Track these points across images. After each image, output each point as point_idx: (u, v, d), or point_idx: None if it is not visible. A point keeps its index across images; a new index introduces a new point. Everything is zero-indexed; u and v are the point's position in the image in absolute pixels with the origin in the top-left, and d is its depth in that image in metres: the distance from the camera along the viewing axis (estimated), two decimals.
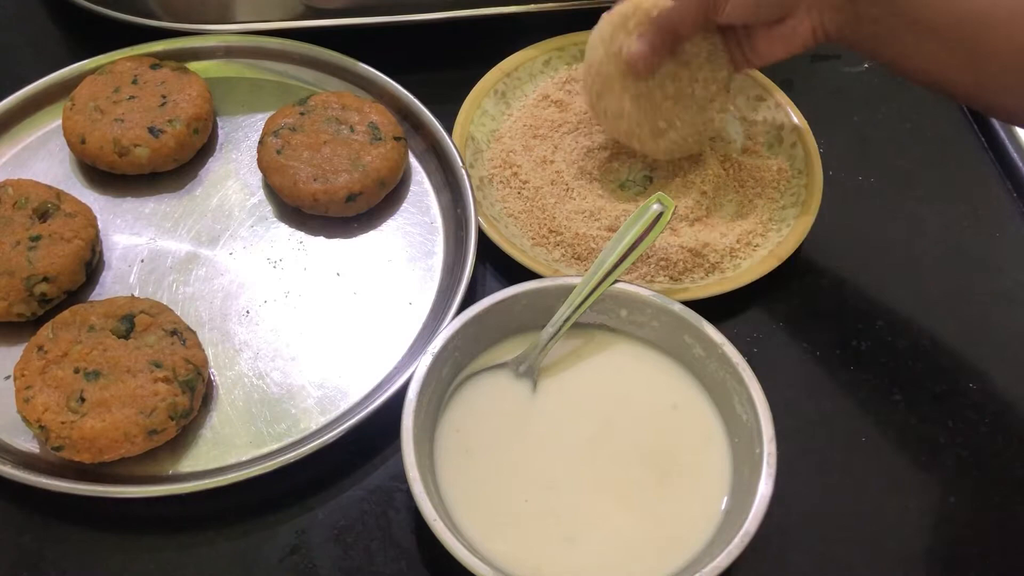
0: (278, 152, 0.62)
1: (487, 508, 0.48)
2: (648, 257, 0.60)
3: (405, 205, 0.64)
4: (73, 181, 0.64)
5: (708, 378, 0.52)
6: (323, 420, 0.55)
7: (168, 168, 0.64)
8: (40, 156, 0.65)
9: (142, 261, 0.61)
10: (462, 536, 0.46)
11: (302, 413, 0.55)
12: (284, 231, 0.63)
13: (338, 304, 0.60)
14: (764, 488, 0.46)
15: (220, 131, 0.67)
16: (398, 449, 0.47)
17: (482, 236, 0.60)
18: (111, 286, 0.60)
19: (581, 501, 0.49)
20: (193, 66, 0.68)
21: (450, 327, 0.51)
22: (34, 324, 0.56)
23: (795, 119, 0.67)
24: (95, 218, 0.60)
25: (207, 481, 0.51)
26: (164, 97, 0.64)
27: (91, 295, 0.59)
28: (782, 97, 0.68)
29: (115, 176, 0.64)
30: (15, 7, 0.77)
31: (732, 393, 0.50)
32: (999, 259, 0.65)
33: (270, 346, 0.58)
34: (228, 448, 0.53)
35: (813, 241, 0.62)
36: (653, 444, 0.51)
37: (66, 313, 0.54)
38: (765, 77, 0.69)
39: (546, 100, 0.69)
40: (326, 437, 0.52)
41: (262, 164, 0.63)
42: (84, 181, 0.64)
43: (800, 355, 0.59)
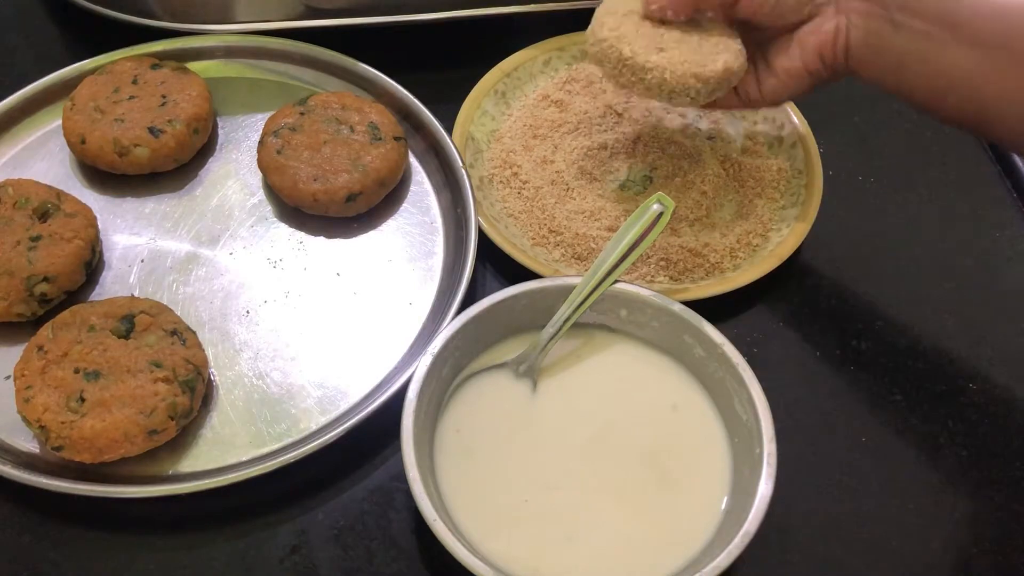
0: (278, 152, 0.62)
1: (487, 508, 0.48)
2: (648, 257, 0.60)
3: (405, 205, 0.64)
4: (73, 181, 0.64)
5: (708, 378, 0.52)
6: (323, 420, 0.55)
7: (168, 168, 0.64)
8: (40, 156, 0.65)
9: (142, 261, 0.61)
10: (462, 536, 0.46)
11: (302, 413, 0.55)
12: (284, 231, 0.63)
13: (338, 304, 0.60)
14: (764, 488, 0.46)
15: (220, 131, 0.67)
16: (398, 449, 0.47)
17: (482, 236, 0.60)
18: (111, 286, 0.60)
19: (581, 501, 0.49)
20: (193, 66, 0.68)
21: (450, 327, 0.51)
22: (34, 324, 0.56)
23: (795, 119, 0.67)
24: (95, 218, 0.60)
25: (207, 481, 0.51)
26: (164, 97, 0.64)
27: (91, 295, 0.59)
28: None
29: (115, 176, 0.64)
30: (15, 7, 0.77)
31: (732, 393, 0.50)
32: (999, 259, 0.65)
33: (270, 346, 0.58)
34: (228, 448, 0.53)
35: (813, 241, 0.62)
36: (653, 444, 0.51)
37: (66, 313, 0.54)
38: None
39: (546, 100, 0.69)
40: (326, 437, 0.52)
41: (262, 164, 0.63)
42: (84, 181, 0.64)
43: (800, 355, 0.59)
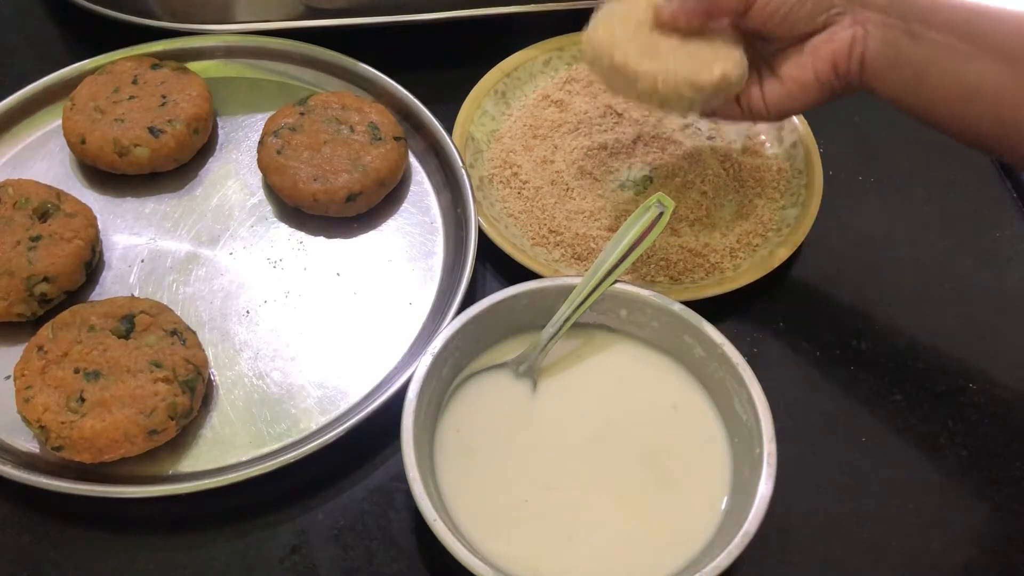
0: (278, 152, 0.62)
1: (487, 508, 0.48)
2: (648, 257, 0.60)
3: (405, 205, 0.64)
4: (73, 181, 0.64)
5: (708, 378, 0.52)
6: (323, 420, 0.55)
7: (168, 168, 0.64)
8: (40, 156, 0.65)
9: (142, 261, 0.61)
10: (462, 536, 0.46)
11: (302, 413, 0.55)
12: (284, 231, 0.63)
13: (338, 304, 0.59)
14: (764, 488, 0.46)
15: (220, 131, 0.67)
16: (398, 449, 0.47)
17: (482, 236, 0.60)
18: (111, 286, 0.60)
19: (581, 501, 0.49)
20: (193, 66, 0.68)
21: (450, 327, 0.51)
22: (34, 324, 0.56)
23: (795, 119, 0.67)
24: (95, 218, 0.60)
25: (207, 481, 0.51)
26: (164, 97, 0.64)
27: (91, 295, 0.59)
28: None
29: (115, 176, 0.64)
30: (15, 7, 0.77)
31: (732, 393, 0.50)
32: (999, 259, 0.65)
33: (270, 346, 0.58)
34: (228, 448, 0.53)
35: (813, 241, 0.62)
36: (653, 444, 0.50)
37: (66, 313, 0.54)
38: None
39: (546, 100, 0.69)
40: (326, 437, 0.52)
41: (262, 164, 0.63)
42: (84, 181, 0.64)
43: (800, 355, 0.59)
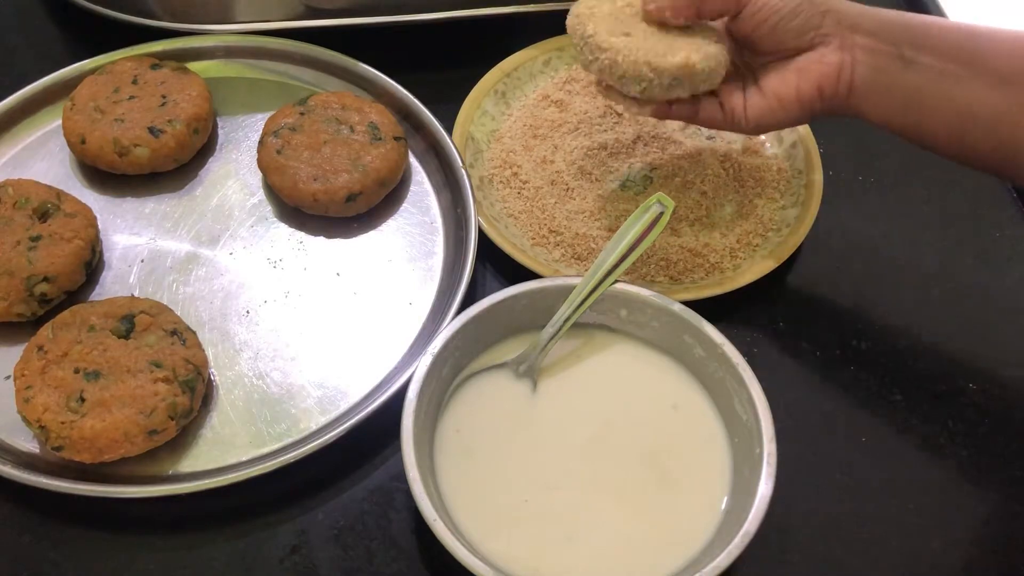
0: (278, 152, 0.62)
1: (487, 508, 0.48)
2: (648, 257, 0.60)
3: (405, 205, 0.64)
4: (73, 181, 0.64)
5: (708, 378, 0.52)
6: (323, 420, 0.55)
7: (168, 168, 0.64)
8: (40, 156, 0.65)
9: (142, 261, 0.61)
10: (462, 536, 0.46)
11: (302, 413, 0.55)
12: (284, 231, 0.63)
13: (338, 304, 0.59)
14: (764, 488, 0.46)
15: (220, 131, 0.67)
16: (398, 449, 0.47)
17: (482, 236, 0.60)
18: (111, 286, 0.60)
19: (581, 501, 0.49)
20: (193, 66, 0.68)
21: (450, 327, 0.51)
22: (34, 324, 0.56)
23: None
24: (95, 218, 0.60)
25: (207, 481, 0.51)
26: (164, 97, 0.64)
27: (91, 295, 0.59)
28: None
29: (115, 176, 0.64)
30: (15, 7, 0.77)
31: (732, 393, 0.50)
32: (999, 259, 0.65)
33: (270, 346, 0.58)
34: (228, 448, 0.53)
35: (813, 241, 0.62)
36: (653, 444, 0.50)
37: (66, 313, 0.54)
38: None
39: (546, 100, 0.69)
40: (326, 437, 0.52)
41: (262, 164, 0.63)
42: (84, 181, 0.64)
43: (800, 355, 0.59)
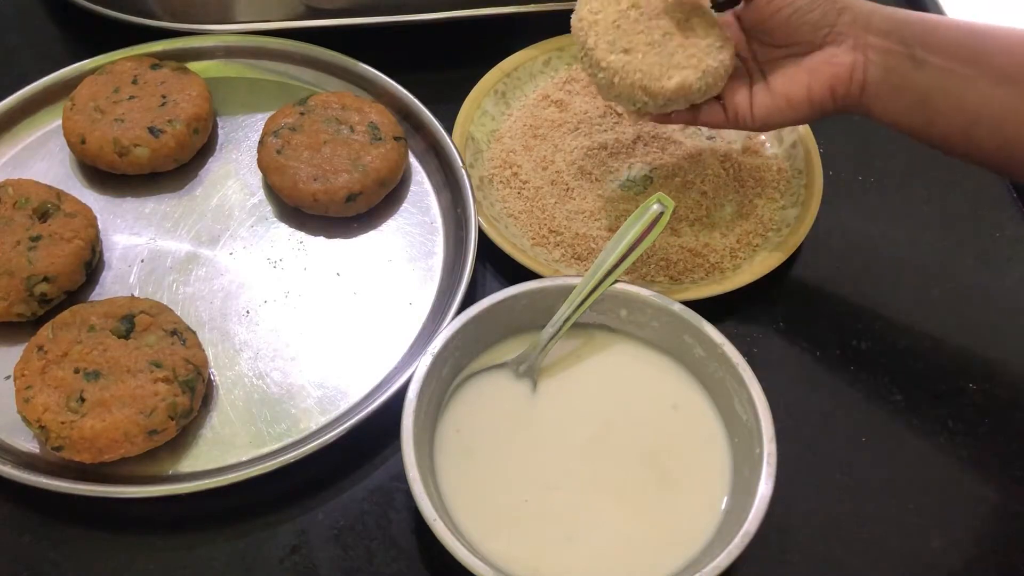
0: (278, 152, 0.62)
1: (487, 508, 0.48)
2: (648, 257, 0.60)
3: (405, 205, 0.64)
4: (73, 181, 0.64)
5: (708, 378, 0.52)
6: (323, 420, 0.55)
7: (168, 168, 0.64)
8: (40, 156, 0.65)
9: (142, 261, 0.61)
10: (462, 536, 0.46)
11: (302, 413, 0.55)
12: (284, 231, 0.63)
13: (338, 304, 0.59)
14: (764, 488, 0.46)
15: (220, 131, 0.67)
16: (398, 449, 0.47)
17: (482, 236, 0.60)
18: (111, 286, 0.60)
19: (581, 501, 0.49)
20: (193, 66, 0.68)
21: (450, 327, 0.51)
22: (34, 324, 0.56)
23: None
24: (95, 218, 0.60)
25: (207, 481, 0.51)
26: (164, 97, 0.64)
27: (91, 295, 0.59)
28: None
29: (115, 176, 0.64)
30: (15, 7, 0.77)
31: (732, 393, 0.50)
32: (999, 259, 0.65)
33: (270, 346, 0.58)
34: (228, 448, 0.53)
35: (813, 241, 0.62)
36: (653, 444, 0.51)
37: (66, 313, 0.54)
38: None
39: (546, 100, 0.69)
40: (326, 437, 0.52)
41: (262, 164, 0.63)
42: (84, 181, 0.64)
43: (800, 355, 0.59)
